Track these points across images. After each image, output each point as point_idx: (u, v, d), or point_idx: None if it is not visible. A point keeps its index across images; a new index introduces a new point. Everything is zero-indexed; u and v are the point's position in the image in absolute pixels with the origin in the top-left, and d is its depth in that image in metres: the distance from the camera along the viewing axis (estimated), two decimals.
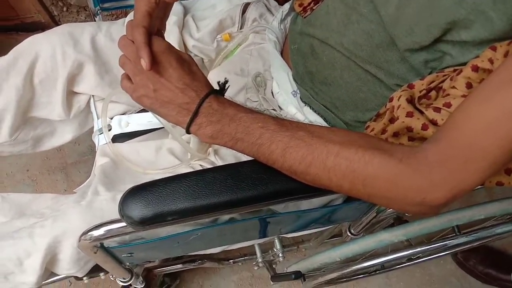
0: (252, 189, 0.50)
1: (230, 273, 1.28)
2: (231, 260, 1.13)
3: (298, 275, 0.79)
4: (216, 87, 0.53)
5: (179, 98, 0.50)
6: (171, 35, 0.78)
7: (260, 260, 0.87)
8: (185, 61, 0.52)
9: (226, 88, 0.54)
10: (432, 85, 0.58)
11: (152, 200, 0.49)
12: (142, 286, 0.92)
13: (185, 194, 0.49)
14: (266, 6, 0.82)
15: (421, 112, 0.56)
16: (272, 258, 0.89)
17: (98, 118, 0.82)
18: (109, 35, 0.79)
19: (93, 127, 0.87)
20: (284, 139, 0.48)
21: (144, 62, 0.49)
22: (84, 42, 0.77)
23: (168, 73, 0.50)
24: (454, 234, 0.75)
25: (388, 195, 0.47)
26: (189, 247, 0.72)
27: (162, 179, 0.51)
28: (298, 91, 0.72)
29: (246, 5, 0.81)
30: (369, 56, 0.63)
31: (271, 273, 0.87)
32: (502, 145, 0.43)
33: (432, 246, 0.75)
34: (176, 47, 0.76)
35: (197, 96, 0.50)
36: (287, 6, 0.80)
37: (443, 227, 0.72)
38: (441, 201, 0.45)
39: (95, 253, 0.57)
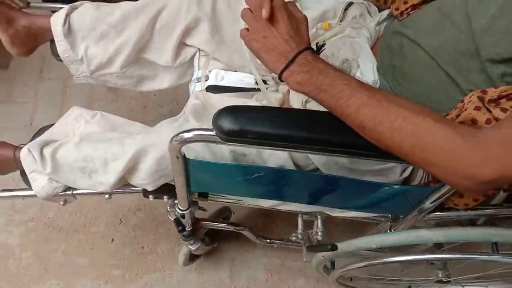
0: (327, 133, 0.59)
1: (262, 256, 1.35)
2: (268, 240, 1.19)
3: (334, 248, 0.84)
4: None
5: (282, 46, 0.60)
6: None
7: (300, 231, 0.94)
8: (295, 19, 0.63)
9: (321, 50, 0.64)
10: (504, 93, 0.63)
11: (241, 118, 0.59)
12: (190, 229, 1.02)
13: (268, 121, 0.59)
14: (367, 8, 0.92)
15: (489, 111, 0.61)
16: (311, 236, 0.95)
17: (199, 69, 0.94)
18: (228, 2, 0.92)
19: (188, 82, 1.01)
20: (362, 98, 0.56)
21: (265, 11, 0.60)
22: (206, 2, 0.91)
23: (279, 25, 0.61)
24: (492, 251, 0.78)
25: (442, 164, 0.53)
26: (249, 189, 0.81)
27: (254, 106, 0.61)
28: (378, 81, 0.80)
29: (350, 4, 0.92)
30: (452, 61, 0.69)
31: (307, 244, 0.94)
32: None
33: (464, 255, 0.78)
34: None
35: (297, 48, 0.60)
36: (386, 12, 0.89)
37: (484, 239, 0.75)
38: (489, 178, 0.51)
39: (178, 158, 0.67)
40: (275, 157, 0.77)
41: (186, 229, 1.01)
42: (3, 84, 1.59)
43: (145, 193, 0.88)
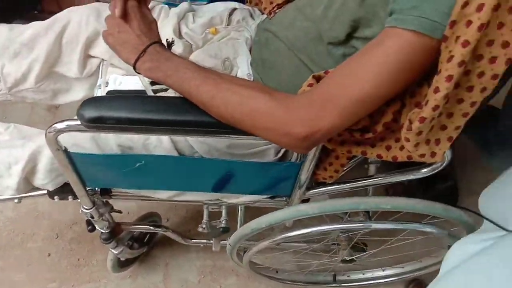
0: (174, 114, 0.66)
1: (195, 259, 1.39)
2: (194, 240, 1.24)
3: (226, 229, 0.90)
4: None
5: (134, 40, 0.69)
6: (170, 21, 0.99)
7: (204, 221, 1.00)
8: (147, 18, 0.72)
9: (171, 46, 0.73)
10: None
11: (100, 107, 0.66)
12: (107, 232, 1.07)
13: (125, 107, 0.66)
14: (250, 12, 1.02)
15: None
16: (217, 225, 1.01)
17: (101, 77, 1.02)
18: None
19: None
20: (200, 78, 0.64)
21: (117, 10, 0.69)
22: (104, 15, 0.99)
23: (132, 22, 0.70)
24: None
25: (265, 125, 0.61)
26: (138, 180, 0.87)
27: (113, 96, 0.68)
28: (252, 74, 0.89)
29: (234, 10, 1.02)
30: (304, 47, 0.79)
31: (211, 232, 1.00)
32: (349, 96, 0.58)
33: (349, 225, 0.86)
34: (171, 30, 0.98)
35: (148, 41, 0.69)
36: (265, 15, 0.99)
37: (352, 208, 0.82)
38: (303, 135, 0.59)
39: (58, 150, 0.73)
40: (160, 148, 0.84)
41: (103, 231, 1.07)
42: None
43: (50, 194, 0.93)
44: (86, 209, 0.95)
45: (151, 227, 1.17)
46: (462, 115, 0.61)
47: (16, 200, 0.95)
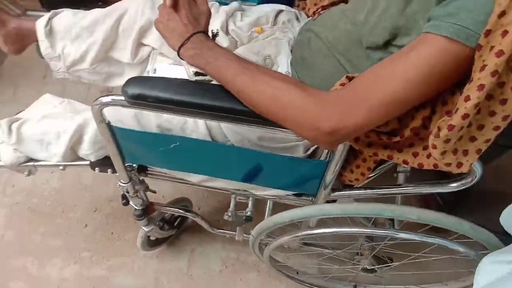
0: (211, 99, 0.70)
1: (220, 249, 1.43)
2: (220, 230, 1.28)
3: (249, 219, 0.93)
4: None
5: (180, 28, 0.73)
6: (219, 18, 1.04)
7: (231, 209, 1.03)
8: (197, 9, 0.76)
9: (215, 37, 0.77)
10: None
11: (142, 85, 0.71)
12: (140, 209, 1.13)
13: (164, 88, 0.71)
14: (296, 15, 1.05)
15: None
16: (242, 214, 1.05)
17: (150, 64, 1.09)
18: None
19: None
20: (238, 68, 0.67)
21: (168, 0, 0.74)
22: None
23: (180, 11, 0.74)
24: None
25: (295, 118, 0.63)
26: (173, 160, 0.92)
27: (157, 77, 0.74)
28: (290, 72, 0.91)
29: (280, 11, 1.05)
30: (344, 49, 0.80)
31: (235, 221, 1.03)
32: (379, 97, 0.59)
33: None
34: (218, 26, 1.02)
35: (192, 30, 0.73)
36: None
37: (376, 213, 0.82)
38: (329, 130, 0.61)
39: (101, 122, 0.80)
40: (196, 133, 0.88)
41: (137, 208, 1.13)
42: (9, 85, 1.80)
43: (92, 165, 1.00)
44: (123, 183, 1.01)
45: (182, 211, 1.22)
46: (494, 128, 0.60)
47: (61, 167, 1.03)
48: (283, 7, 1.07)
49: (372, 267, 1.06)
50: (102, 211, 1.51)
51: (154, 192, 1.16)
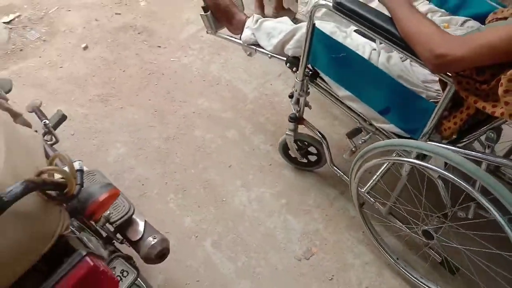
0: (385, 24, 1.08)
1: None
2: (335, 168, 1.61)
3: (359, 131, 1.26)
4: None
5: None
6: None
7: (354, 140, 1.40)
8: None
9: None
10: None
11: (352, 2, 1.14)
12: (294, 115, 1.58)
13: (357, 5, 1.12)
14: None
15: None
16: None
17: None
18: None
19: None
20: (408, 12, 1.02)
21: None
22: None
23: None
24: None
25: (422, 42, 0.95)
26: (334, 68, 1.32)
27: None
28: None
29: (468, 20, 1.34)
30: None
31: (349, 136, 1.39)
32: (483, 40, 0.87)
33: None
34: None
35: None
36: None
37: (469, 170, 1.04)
38: (438, 53, 0.91)
39: (310, 20, 1.26)
40: (360, 52, 1.26)
41: (292, 112, 1.58)
42: None
43: (287, 60, 1.48)
44: (297, 80, 1.46)
45: (319, 136, 1.61)
46: None
47: (269, 56, 1.54)
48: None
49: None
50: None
51: (310, 107, 1.58)
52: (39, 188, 0.80)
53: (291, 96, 1.56)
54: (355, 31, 1.34)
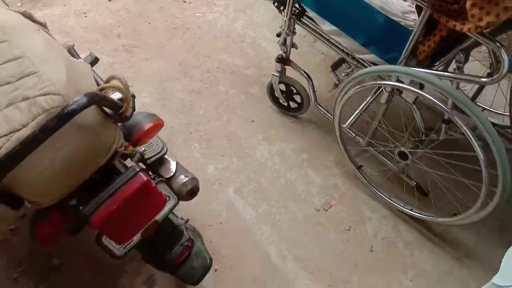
0: None
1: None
2: (320, 107, 1.66)
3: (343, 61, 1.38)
4: None
5: None
6: None
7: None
8: None
9: None
10: None
11: None
12: (281, 56, 1.61)
13: None
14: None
15: None
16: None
17: None
18: None
19: None
20: None
21: None
22: None
23: None
24: None
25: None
26: (321, 4, 1.37)
27: None
28: None
29: None
30: None
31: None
32: None
33: None
34: None
35: None
36: None
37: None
38: None
39: None
40: None
41: (279, 53, 1.66)
42: None
43: None
44: (285, 19, 1.51)
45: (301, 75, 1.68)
46: None
47: None
48: None
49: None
50: None
51: (296, 47, 1.66)
52: (101, 101, 0.84)
53: (278, 35, 1.61)
54: None
